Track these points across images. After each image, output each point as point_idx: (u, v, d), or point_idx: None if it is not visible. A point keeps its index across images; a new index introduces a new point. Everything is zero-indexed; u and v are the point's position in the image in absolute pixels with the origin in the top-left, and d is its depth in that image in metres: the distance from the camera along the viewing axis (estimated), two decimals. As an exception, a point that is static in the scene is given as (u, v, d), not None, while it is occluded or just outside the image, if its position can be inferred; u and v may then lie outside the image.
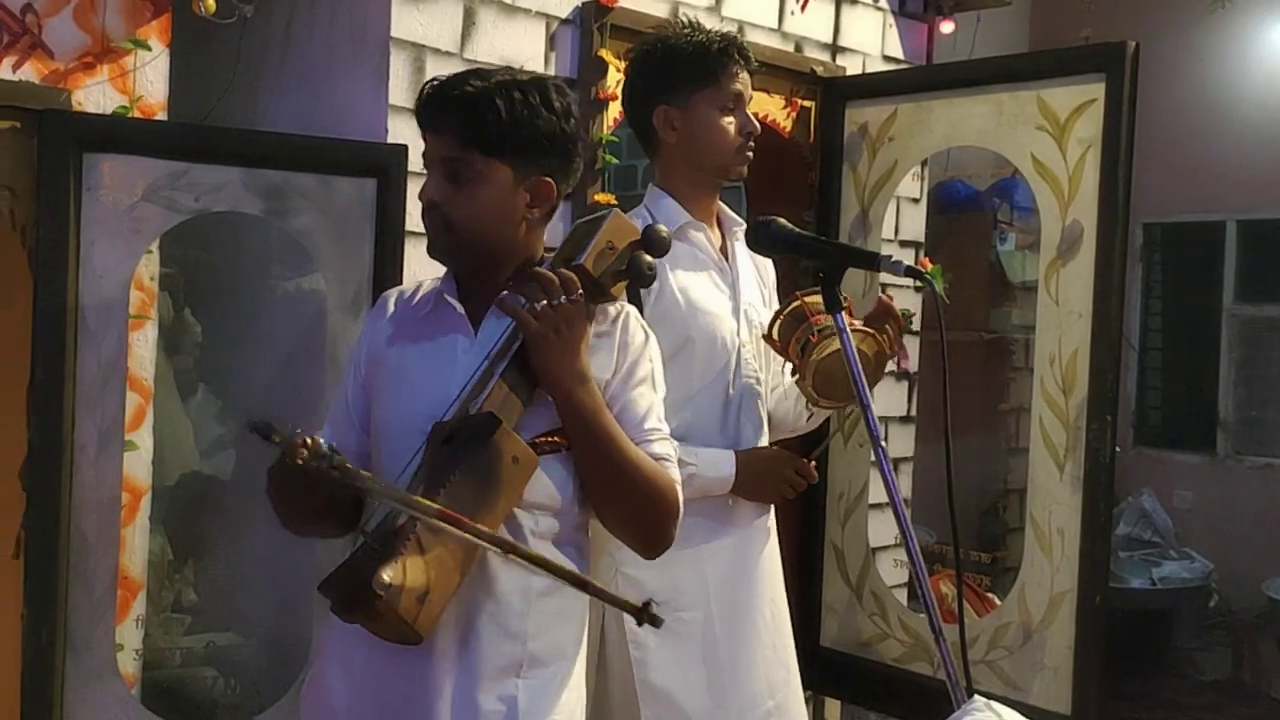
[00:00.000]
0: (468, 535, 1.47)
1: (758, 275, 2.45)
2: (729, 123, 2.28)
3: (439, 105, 1.68)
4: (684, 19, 2.40)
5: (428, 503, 1.46)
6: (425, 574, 1.48)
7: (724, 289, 2.33)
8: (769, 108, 3.41)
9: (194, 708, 3.04)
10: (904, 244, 3.80)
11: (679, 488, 1.74)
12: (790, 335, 2.29)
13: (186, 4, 2.63)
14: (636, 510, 1.70)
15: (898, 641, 3.31)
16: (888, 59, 3.80)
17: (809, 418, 2.48)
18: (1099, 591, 2.91)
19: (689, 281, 2.27)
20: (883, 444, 1.63)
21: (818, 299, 2.22)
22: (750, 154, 2.33)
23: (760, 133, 2.33)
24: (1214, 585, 6.07)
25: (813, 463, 2.40)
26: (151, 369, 2.66)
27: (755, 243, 1.89)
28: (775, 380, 2.48)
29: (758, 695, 2.32)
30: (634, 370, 1.74)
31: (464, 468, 1.52)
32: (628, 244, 1.71)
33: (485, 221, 1.69)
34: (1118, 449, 3.05)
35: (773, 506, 2.42)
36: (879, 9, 3.77)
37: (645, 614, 1.46)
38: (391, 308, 1.84)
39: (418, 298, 1.83)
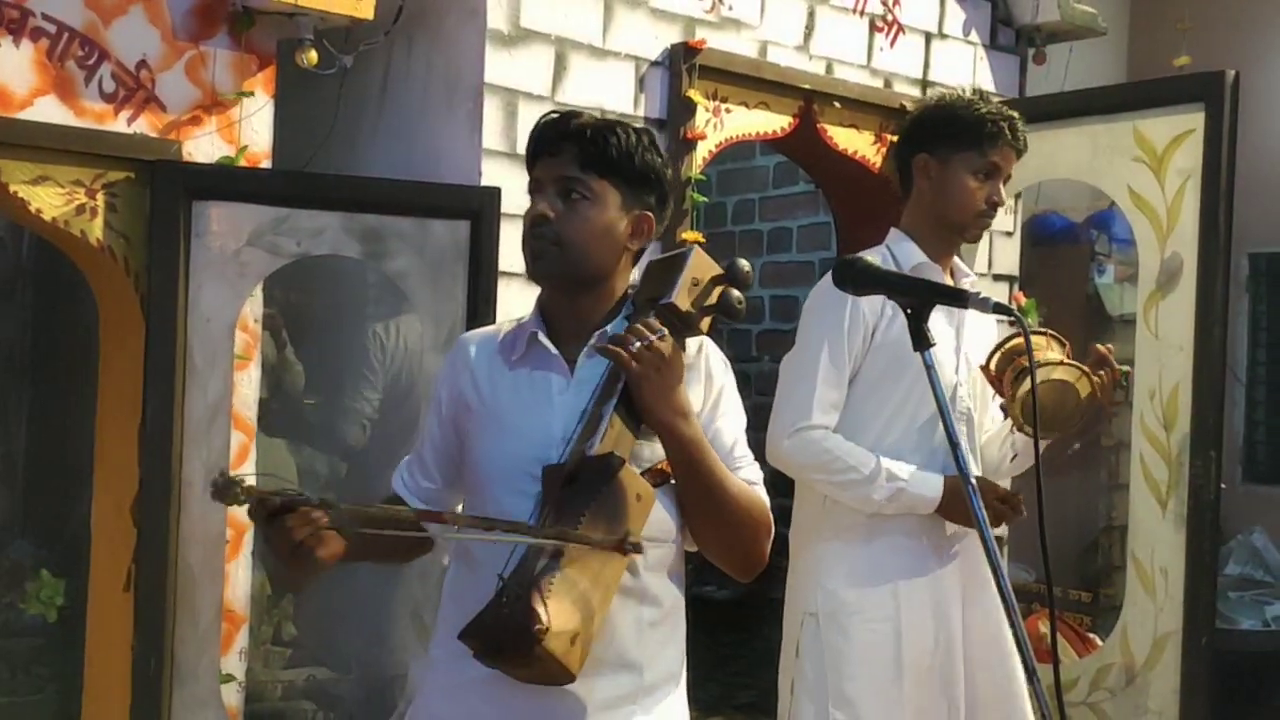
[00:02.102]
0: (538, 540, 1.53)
1: (989, 322, 2.53)
2: (978, 188, 2.39)
3: (559, 130, 1.74)
4: (975, 91, 2.54)
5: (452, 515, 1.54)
6: (574, 615, 1.52)
7: (949, 328, 2.42)
8: (858, 144, 3.41)
9: (294, 740, 3.11)
10: (998, 278, 3.76)
11: (768, 508, 1.78)
12: (1005, 366, 2.35)
13: (289, 56, 2.73)
14: (735, 535, 1.74)
15: (995, 682, 3.24)
16: (978, 92, 3.77)
17: (1013, 458, 2.52)
18: (1205, 633, 2.83)
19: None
20: (972, 481, 1.61)
21: (1039, 339, 2.35)
22: (989, 222, 2.43)
23: (1001, 204, 2.42)
24: (1330, 627, 5.82)
25: (1020, 496, 2.43)
26: (255, 408, 2.74)
27: (841, 280, 1.89)
28: (990, 423, 2.54)
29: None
30: (720, 400, 1.78)
31: (593, 508, 1.57)
32: (709, 279, 1.75)
33: (592, 241, 1.74)
34: (1224, 486, 2.97)
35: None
36: (970, 43, 3.76)
37: (625, 544, 1.52)
38: (473, 351, 1.83)
39: (500, 338, 1.83)
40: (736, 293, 1.73)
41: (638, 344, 1.64)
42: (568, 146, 1.73)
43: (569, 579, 1.52)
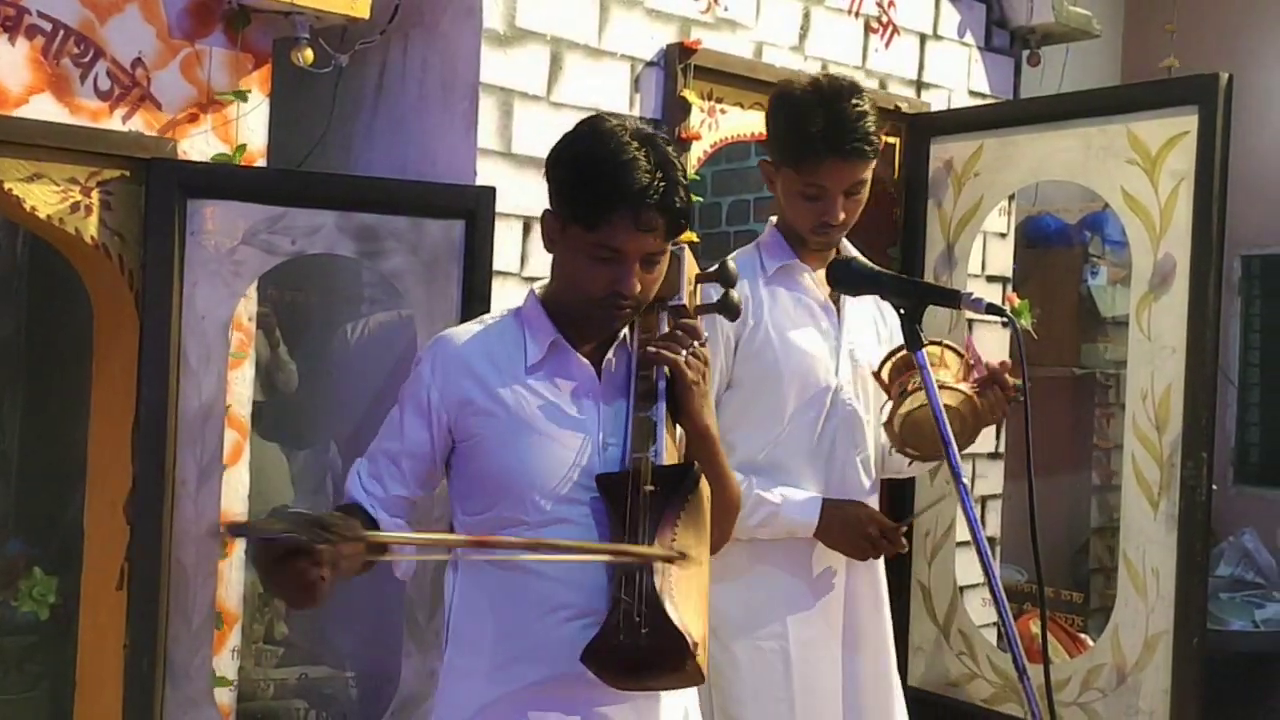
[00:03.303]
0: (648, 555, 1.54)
1: (877, 316, 2.43)
2: (806, 207, 2.24)
3: (661, 210, 1.66)
4: (820, 79, 2.27)
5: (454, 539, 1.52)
6: (699, 624, 1.55)
7: (826, 329, 2.32)
8: (852, 145, 3.42)
9: (286, 739, 3.11)
10: (991, 279, 3.77)
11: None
12: (895, 378, 2.29)
13: (285, 55, 2.73)
14: (730, 520, 1.81)
15: (986, 682, 3.26)
16: (973, 94, 3.79)
17: (910, 463, 2.45)
18: (1196, 633, 2.84)
19: (786, 320, 2.29)
20: (964, 481, 1.62)
21: (934, 349, 2.21)
22: (827, 237, 2.28)
23: (843, 220, 2.25)
24: (1321, 628, 5.84)
25: (902, 530, 2.35)
26: (249, 406, 2.74)
27: (835, 280, 1.91)
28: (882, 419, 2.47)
29: None
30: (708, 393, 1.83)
31: (684, 517, 1.59)
32: (696, 277, 1.81)
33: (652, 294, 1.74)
34: (1216, 488, 2.99)
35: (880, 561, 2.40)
36: (964, 44, 3.77)
37: (678, 557, 1.53)
38: (467, 352, 1.75)
39: (496, 339, 1.77)
40: (736, 293, 1.77)
41: (685, 351, 1.67)
42: (658, 222, 1.67)
43: (682, 590, 1.55)
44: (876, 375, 2.30)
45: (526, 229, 2.89)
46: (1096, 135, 3.07)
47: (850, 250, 2.39)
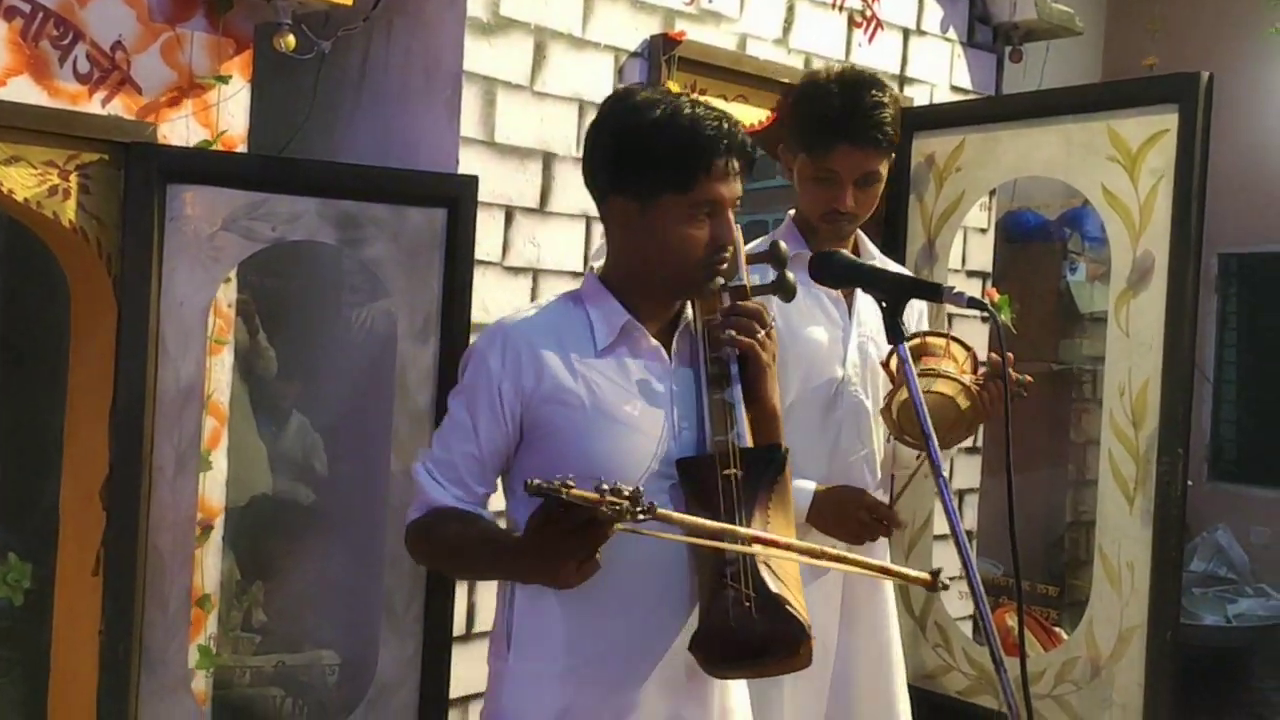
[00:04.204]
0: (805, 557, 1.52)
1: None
2: (818, 193, 2.29)
3: (739, 153, 1.68)
4: (846, 69, 2.33)
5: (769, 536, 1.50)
6: (805, 609, 1.54)
7: (836, 319, 2.34)
8: (835, 138, 3.42)
9: (263, 726, 3.10)
10: (971, 274, 3.79)
11: None
12: (901, 369, 2.29)
13: (267, 40, 2.72)
14: None
15: (962, 674, 3.28)
16: (956, 89, 3.80)
17: (918, 456, 2.42)
18: (1170, 627, 2.87)
19: (794, 309, 2.30)
20: (944, 474, 1.63)
21: (939, 340, 2.25)
22: (837, 226, 2.31)
23: (853, 209, 2.29)
24: (1291, 623, 5.90)
25: (896, 509, 2.36)
26: (228, 393, 2.73)
27: (818, 273, 1.90)
28: None
29: None
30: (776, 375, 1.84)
31: (774, 501, 1.58)
32: (747, 258, 1.80)
33: None
34: (1191, 483, 3.01)
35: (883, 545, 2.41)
36: (947, 39, 3.78)
37: (937, 581, 1.48)
38: (534, 341, 1.68)
39: (560, 324, 1.71)
40: (790, 274, 1.77)
41: (761, 333, 1.68)
42: (740, 165, 1.69)
43: (785, 574, 1.54)
44: (884, 365, 2.32)
45: (509, 218, 2.88)
46: (1077, 132, 3.09)
47: (871, 249, 2.43)
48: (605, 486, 1.30)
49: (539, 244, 2.94)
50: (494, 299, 2.83)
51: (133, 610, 2.47)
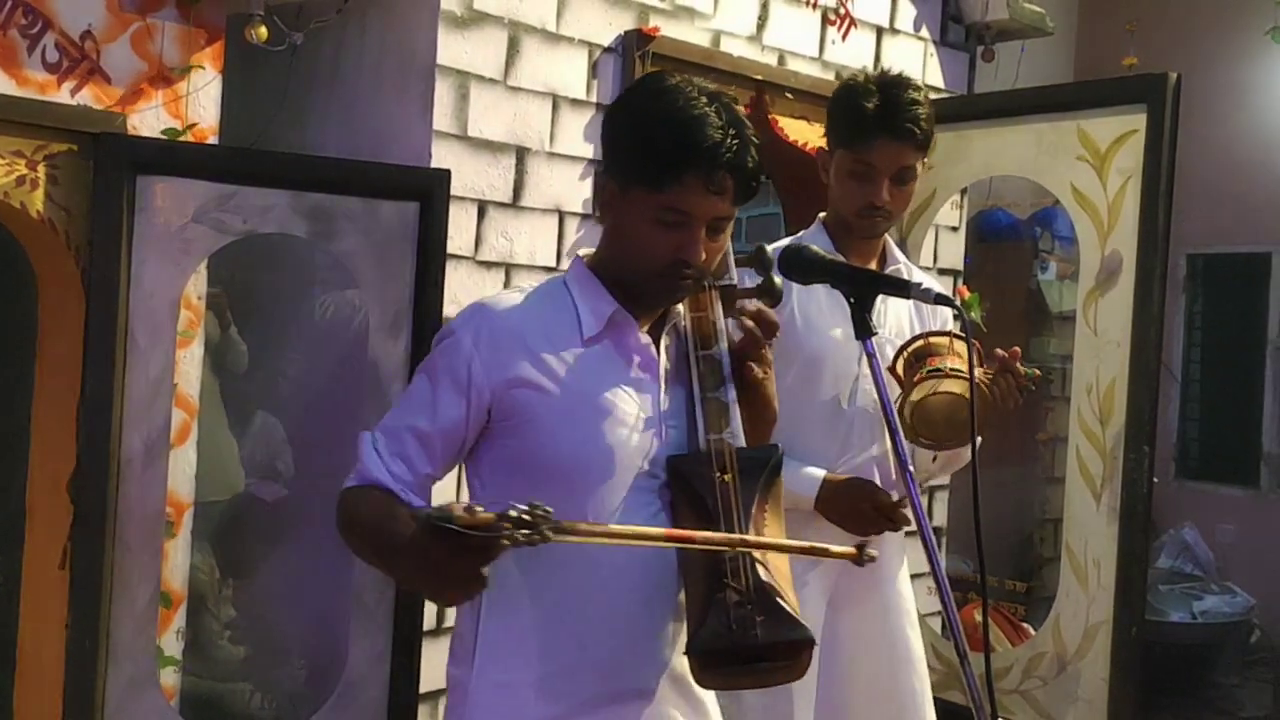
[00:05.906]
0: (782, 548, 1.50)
1: (913, 313, 2.47)
2: (855, 189, 2.31)
3: (733, 170, 1.54)
4: (884, 72, 2.40)
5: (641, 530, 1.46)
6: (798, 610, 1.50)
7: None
8: (809, 135, 3.43)
9: (231, 720, 3.09)
10: (942, 272, 3.81)
11: None
12: (909, 372, 2.31)
13: (239, 31, 2.70)
14: None
15: (929, 669, 3.30)
16: (928, 88, 3.81)
17: (934, 458, 2.44)
18: (1135, 623, 2.90)
19: (814, 306, 2.34)
20: (911, 468, 1.64)
21: (943, 340, 2.27)
22: (873, 222, 2.33)
23: (888, 204, 2.32)
24: (1256, 620, 5.97)
25: (903, 505, 2.32)
26: (197, 386, 2.71)
27: (787, 268, 1.91)
28: None
29: None
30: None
31: (770, 503, 1.55)
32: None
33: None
34: (1157, 481, 3.04)
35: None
36: (920, 38, 3.79)
37: (863, 556, 1.46)
38: (515, 324, 1.60)
39: (542, 311, 1.62)
40: (777, 277, 1.71)
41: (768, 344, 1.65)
42: (729, 184, 1.55)
43: (777, 580, 1.49)
44: (891, 369, 2.32)
45: (481, 212, 2.88)
46: (1048, 132, 3.12)
47: (900, 258, 2.45)
48: (512, 513, 1.23)
49: (511, 238, 2.93)
50: (466, 293, 2.82)
51: (99, 604, 2.45)
